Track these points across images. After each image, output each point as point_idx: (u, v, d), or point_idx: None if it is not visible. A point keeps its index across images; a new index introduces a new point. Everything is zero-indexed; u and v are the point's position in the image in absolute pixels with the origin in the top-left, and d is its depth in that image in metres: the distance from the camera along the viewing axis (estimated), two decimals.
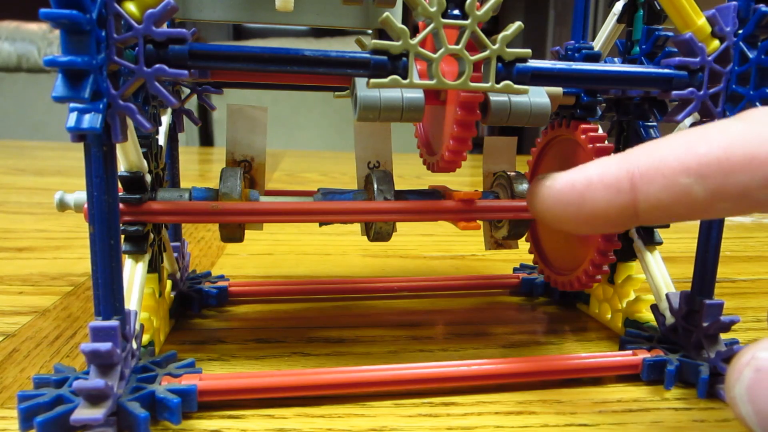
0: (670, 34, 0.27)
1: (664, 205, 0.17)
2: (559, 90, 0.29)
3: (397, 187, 0.27)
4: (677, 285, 0.28)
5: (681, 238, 0.52)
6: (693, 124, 0.25)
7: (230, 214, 0.25)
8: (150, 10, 0.19)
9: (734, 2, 0.23)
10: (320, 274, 0.41)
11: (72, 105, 0.18)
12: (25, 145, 1.23)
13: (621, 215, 0.18)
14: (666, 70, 0.23)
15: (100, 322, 0.20)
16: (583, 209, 0.18)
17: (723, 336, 0.26)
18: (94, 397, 0.19)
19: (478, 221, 0.27)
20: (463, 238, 0.52)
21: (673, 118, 0.24)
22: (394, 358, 0.28)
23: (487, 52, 0.21)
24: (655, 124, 0.30)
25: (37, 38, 1.65)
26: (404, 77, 0.20)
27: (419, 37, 0.20)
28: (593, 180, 0.18)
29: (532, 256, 0.35)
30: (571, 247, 0.31)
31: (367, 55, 0.20)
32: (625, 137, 0.30)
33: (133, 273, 0.24)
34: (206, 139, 1.66)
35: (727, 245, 0.52)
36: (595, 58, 0.28)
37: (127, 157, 0.23)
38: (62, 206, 0.26)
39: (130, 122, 0.21)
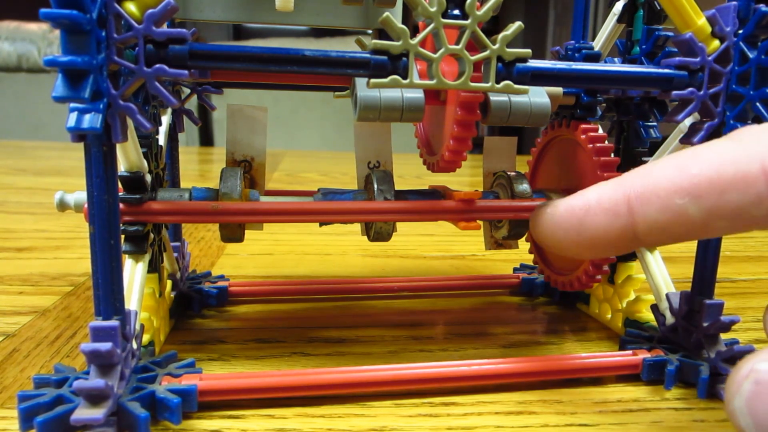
0: (670, 34, 0.27)
1: (661, 227, 0.17)
2: (559, 90, 0.29)
3: (397, 187, 0.27)
4: (677, 285, 0.28)
5: None
6: (693, 124, 0.25)
7: (230, 214, 0.25)
8: (150, 10, 0.19)
9: (734, 2, 0.23)
10: (320, 274, 0.41)
11: (72, 105, 0.18)
12: (25, 145, 1.23)
13: (621, 238, 0.18)
14: (666, 70, 0.23)
15: (100, 322, 0.20)
16: (583, 234, 0.18)
17: (723, 336, 0.26)
18: (94, 397, 0.19)
19: (478, 221, 0.27)
20: (463, 238, 0.52)
21: (673, 118, 0.24)
22: (394, 358, 0.28)
23: (487, 52, 0.21)
24: (655, 124, 0.30)
25: (37, 38, 1.65)
26: (404, 77, 0.20)
27: (419, 37, 0.20)
28: (591, 205, 0.18)
29: (532, 256, 0.35)
30: None
31: (367, 55, 0.20)
32: (626, 137, 0.30)
33: (133, 273, 0.24)
34: (206, 139, 1.66)
35: (727, 245, 0.52)
36: (595, 58, 0.28)
37: (128, 157, 0.23)
38: (62, 206, 0.26)
39: (130, 122, 0.21)
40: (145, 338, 0.25)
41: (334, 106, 1.52)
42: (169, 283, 0.29)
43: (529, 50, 0.21)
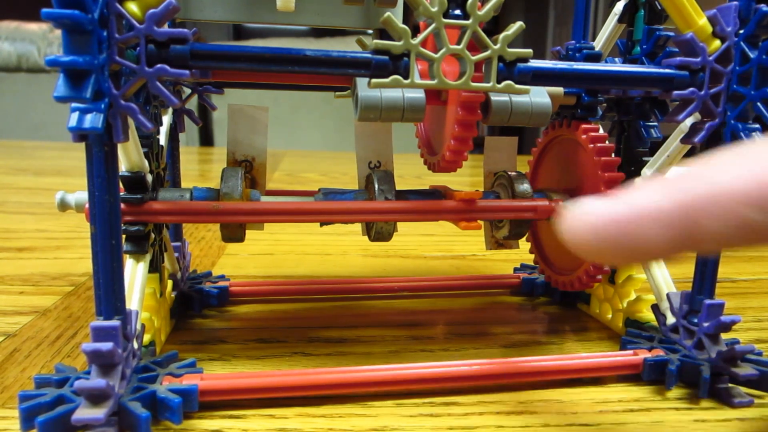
0: (671, 34, 0.27)
1: (723, 241, 0.15)
2: (560, 90, 0.29)
3: (397, 187, 0.27)
4: (678, 285, 0.28)
5: None
6: (694, 124, 0.25)
7: (231, 214, 0.25)
8: (152, 10, 0.19)
9: (735, 2, 0.23)
10: (321, 274, 0.41)
11: (73, 105, 0.18)
12: (25, 145, 1.23)
13: (669, 250, 0.16)
14: (667, 70, 0.23)
15: (101, 322, 0.20)
16: (627, 245, 0.16)
17: (724, 336, 0.26)
18: (95, 397, 0.19)
19: (478, 221, 0.27)
20: (463, 238, 0.52)
21: (674, 118, 0.24)
22: (395, 358, 0.28)
23: (488, 52, 0.21)
24: (656, 124, 0.30)
25: (37, 38, 1.65)
26: (405, 77, 0.20)
27: (420, 37, 0.20)
28: (641, 215, 0.16)
29: (532, 256, 0.35)
30: None
31: (369, 55, 0.20)
32: (626, 137, 0.30)
33: (134, 273, 0.24)
34: (206, 139, 1.66)
35: None
36: (595, 58, 0.28)
37: (129, 157, 0.23)
38: (63, 206, 0.26)
39: (131, 122, 0.21)
40: (146, 338, 0.25)
41: (335, 106, 1.52)
42: (169, 283, 0.29)
43: (530, 50, 0.21)
